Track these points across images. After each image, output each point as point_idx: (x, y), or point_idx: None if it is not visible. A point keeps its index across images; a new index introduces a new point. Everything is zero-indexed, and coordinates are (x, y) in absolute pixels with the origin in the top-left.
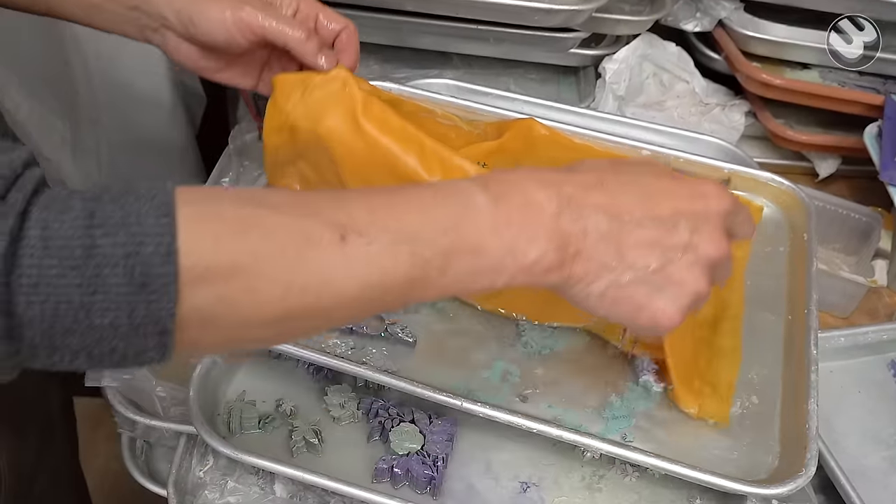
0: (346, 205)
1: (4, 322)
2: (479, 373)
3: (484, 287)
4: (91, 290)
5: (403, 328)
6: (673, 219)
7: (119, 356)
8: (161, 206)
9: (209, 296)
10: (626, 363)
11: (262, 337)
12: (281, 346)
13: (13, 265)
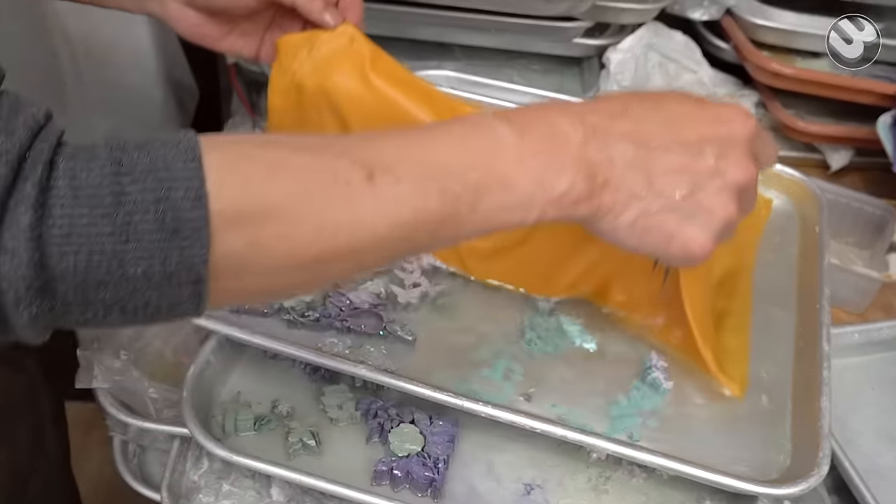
0: (373, 144)
1: (39, 277)
2: (481, 371)
3: (515, 223)
4: (123, 239)
5: (403, 326)
6: (699, 144)
7: (153, 309)
8: (187, 151)
9: (241, 240)
10: (633, 361)
11: (296, 282)
12: (277, 346)
13: (44, 215)
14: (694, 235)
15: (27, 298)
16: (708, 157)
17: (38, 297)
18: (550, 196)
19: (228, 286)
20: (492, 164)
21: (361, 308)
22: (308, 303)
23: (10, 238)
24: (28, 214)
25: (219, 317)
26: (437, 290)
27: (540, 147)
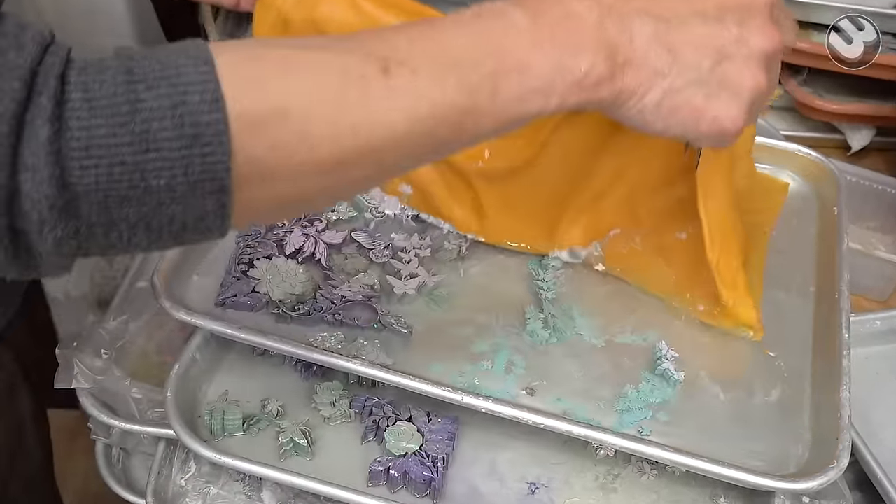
0: (386, 38)
1: (61, 195)
2: (482, 364)
3: (535, 111)
4: (143, 148)
5: (398, 319)
6: (719, 14)
7: (178, 225)
8: (198, 56)
9: (261, 144)
10: (642, 350)
11: (320, 189)
12: (265, 341)
13: (61, 129)
14: (725, 109)
15: (51, 220)
16: (730, 26)
17: (63, 219)
18: (570, 79)
19: (253, 196)
20: (507, 50)
21: (354, 300)
22: (298, 296)
23: (30, 154)
24: (45, 128)
25: (204, 312)
26: (434, 281)
27: (555, 30)
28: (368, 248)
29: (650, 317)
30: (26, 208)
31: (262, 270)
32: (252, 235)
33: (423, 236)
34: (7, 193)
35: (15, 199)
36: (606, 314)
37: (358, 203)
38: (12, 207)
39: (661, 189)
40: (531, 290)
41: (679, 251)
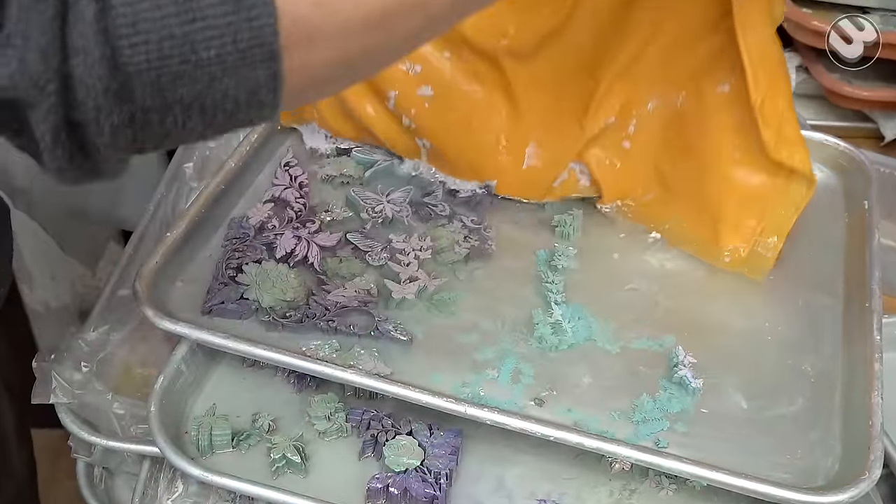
0: None
1: (115, 78)
2: (487, 373)
3: None
4: (190, 18)
5: (396, 325)
6: None
7: (232, 103)
8: None
9: (305, 1)
10: (658, 356)
11: (366, 48)
12: (255, 351)
13: (105, 7)
14: None
15: (107, 106)
16: None
17: (118, 103)
18: None
19: (303, 61)
20: None
21: (350, 306)
22: (289, 302)
23: (79, 36)
24: (91, 7)
25: (189, 320)
26: (435, 284)
27: None
28: (364, 251)
29: (667, 320)
30: (81, 96)
31: (250, 276)
32: (240, 239)
33: (423, 237)
34: (60, 82)
35: (69, 88)
36: (620, 318)
37: (353, 203)
38: (67, 97)
39: (699, 41)
40: (539, 292)
41: (705, 188)
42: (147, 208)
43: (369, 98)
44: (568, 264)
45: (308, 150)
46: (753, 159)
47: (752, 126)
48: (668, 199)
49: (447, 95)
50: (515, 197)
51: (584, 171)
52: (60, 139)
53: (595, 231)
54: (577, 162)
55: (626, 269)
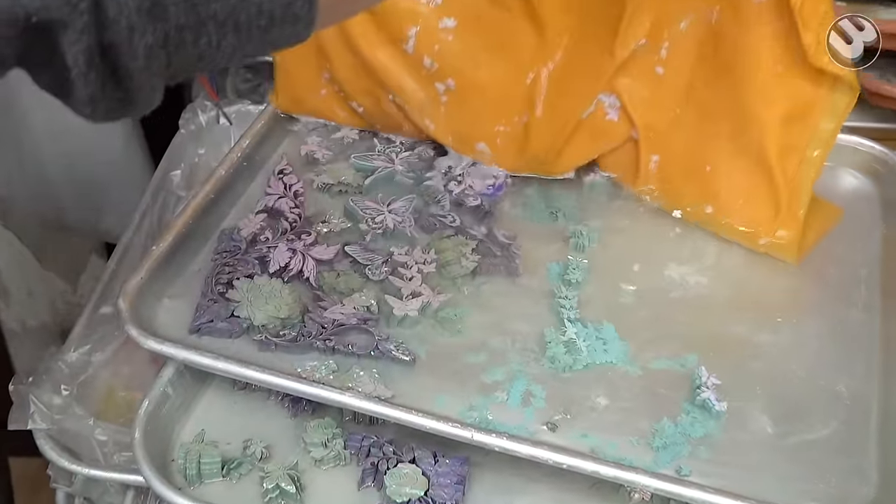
0: None
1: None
2: (495, 396)
3: None
4: None
5: (398, 344)
6: None
7: (266, 19)
8: None
9: None
10: (679, 378)
11: None
12: (247, 372)
13: None
14: None
15: (140, 24)
16: None
17: (151, 21)
18: None
19: None
20: None
21: (348, 324)
22: (284, 320)
23: None
24: None
25: (176, 340)
26: (440, 300)
27: None
28: (364, 264)
29: (689, 339)
30: (113, 14)
31: (242, 291)
32: (231, 252)
33: (427, 249)
34: (91, 1)
35: (101, 6)
36: (639, 336)
37: (352, 213)
38: (99, 16)
39: None
40: (552, 309)
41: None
42: (131, 219)
43: (384, 46)
44: (582, 278)
45: (304, 156)
46: (795, 70)
47: (791, 33)
48: (699, 157)
49: (472, 25)
50: (537, 153)
51: (613, 104)
52: (94, 63)
53: (612, 243)
54: (607, 94)
55: (646, 283)
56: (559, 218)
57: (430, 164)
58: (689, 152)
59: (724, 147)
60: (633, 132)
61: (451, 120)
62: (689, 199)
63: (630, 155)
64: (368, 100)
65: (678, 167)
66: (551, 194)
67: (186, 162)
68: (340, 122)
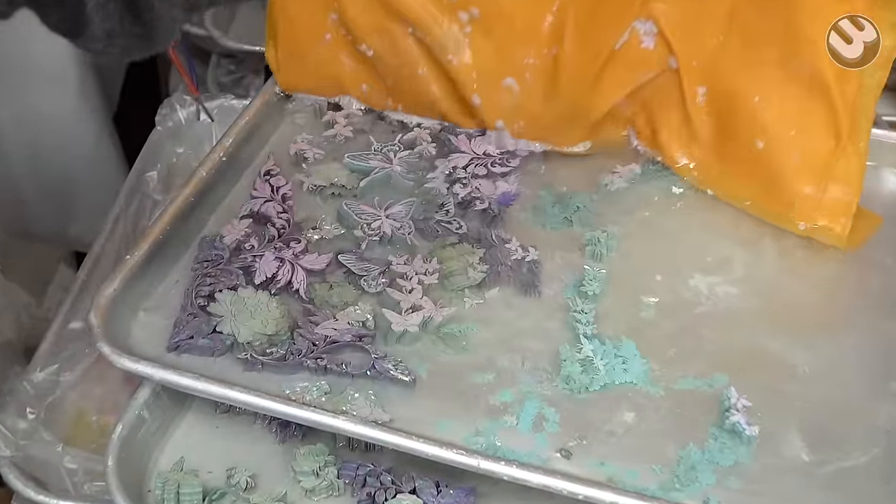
0: None
1: None
2: (504, 420)
3: None
4: None
5: (397, 363)
6: None
7: None
8: None
9: None
10: (706, 399)
11: None
12: (231, 394)
13: None
14: None
15: None
16: None
17: None
18: None
19: None
20: None
21: (341, 341)
22: (271, 336)
23: None
24: None
25: (153, 358)
26: (443, 314)
27: None
28: (359, 275)
29: (717, 356)
30: None
31: (225, 305)
32: (212, 261)
33: (429, 258)
34: None
35: None
36: (662, 353)
37: (346, 218)
38: None
39: None
40: (567, 324)
41: None
42: (103, 224)
43: None
44: (600, 290)
45: (293, 155)
46: None
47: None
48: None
49: None
50: (568, 88)
51: (649, 30)
52: None
53: (632, 251)
54: (642, 20)
55: (669, 295)
56: (574, 223)
57: (431, 164)
58: (733, 82)
59: (773, 74)
60: (670, 60)
61: (476, 53)
62: (737, 141)
63: (671, 97)
64: (381, 39)
65: (724, 100)
66: (565, 197)
67: (163, 162)
68: (344, 81)
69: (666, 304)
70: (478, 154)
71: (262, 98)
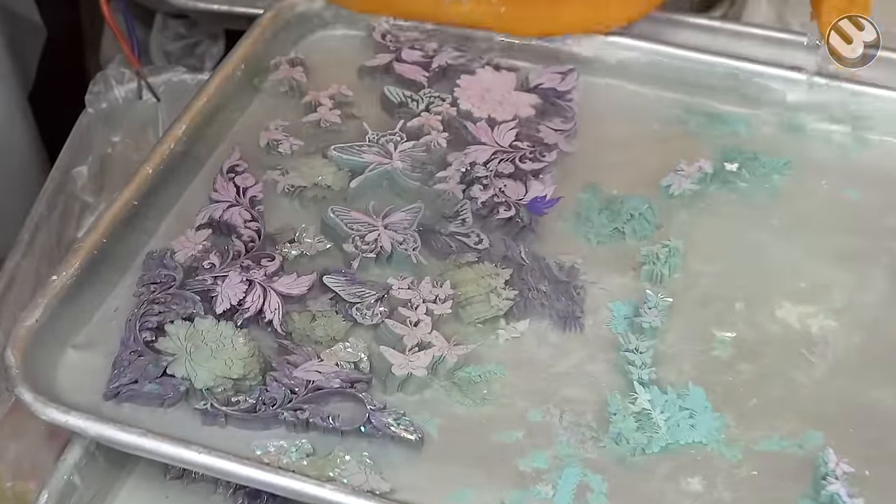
0: None
1: None
2: (537, 489)
3: None
4: None
5: (399, 417)
6: None
7: None
8: None
9: None
10: (796, 463)
11: None
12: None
13: None
14: None
15: None
16: None
17: None
18: None
19: None
20: None
21: (328, 388)
22: (237, 381)
23: None
24: None
25: (87, 408)
26: (458, 354)
27: None
28: (350, 302)
29: (810, 408)
30: None
31: (177, 340)
32: (161, 284)
33: (440, 282)
34: None
35: None
36: (740, 405)
37: (333, 228)
38: None
39: None
40: (618, 366)
41: None
42: (19, 235)
43: None
44: (661, 323)
45: (264, 147)
46: None
47: None
48: None
49: None
50: None
51: None
52: None
53: (703, 272)
54: None
55: (750, 330)
56: (627, 235)
57: (442, 160)
58: None
59: None
60: None
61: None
62: None
63: None
64: None
65: None
66: (616, 202)
67: (95, 154)
68: None
69: (746, 341)
70: (502, 146)
71: (223, 72)
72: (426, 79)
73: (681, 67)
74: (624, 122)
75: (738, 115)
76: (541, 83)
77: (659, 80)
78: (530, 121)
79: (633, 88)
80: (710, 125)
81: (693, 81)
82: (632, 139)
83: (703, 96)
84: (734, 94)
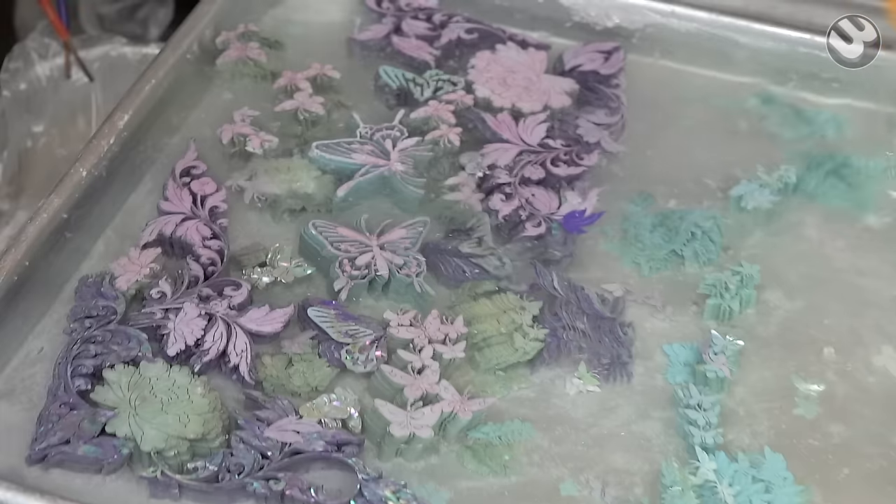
0: None
1: None
2: None
3: None
4: None
5: (398, 490)
6: None
7: None
8: None
9: None
10: None
11: None
12: None
13: None
14: None
15: None
16: None
17: None
18: None
19: None
20: None
21: (309, 451)
22: (193, 442)
23: None
24: None
25: (4, 474)
26: (473, 409)
27: None
28: (339, 342)
29: None
30: None
31: (119, 390)
32: (99, 318)
33: (449, 318)
34: None
35: None
36: (830, 475)
37: (315, 248)
38: None
39: None
40: (675, 427)
41: None
42: None
43: None
44: (730, 372)
45: (228, 142)
46: None
47: None
48: None
49: None
50: None
51: None
52: None
53: (781, 306)
54: None
55: (842, 380)
56: (687, 260)
57: (453, 163)
58: None
59: None
60: None
61: None
62: None
63: None
64: None
65: None
66: (672, 217)
67: (12, 149)
68: None
69: (836, 396)
70: (530, 144)
71: (174, 45)
72: (433, 57)
73: (756, 47)
74: (683, 116)
75: (829, 107)
76: (579, 64)
77: (728, 60)
78: (565, 112)
79: (694, 71)
80: (795, 121)
81: (774, 64)
82: (693, 137)
83: (786, 84)
84: (823, 80)
